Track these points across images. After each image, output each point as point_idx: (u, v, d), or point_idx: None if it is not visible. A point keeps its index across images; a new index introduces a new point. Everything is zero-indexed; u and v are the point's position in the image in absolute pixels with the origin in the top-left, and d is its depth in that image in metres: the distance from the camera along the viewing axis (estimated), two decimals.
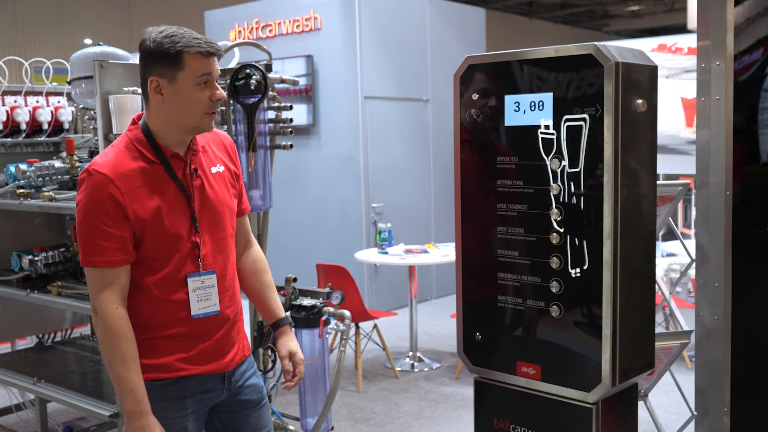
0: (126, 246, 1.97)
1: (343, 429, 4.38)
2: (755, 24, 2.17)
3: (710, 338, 2.28)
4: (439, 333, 6.50)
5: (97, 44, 3.37)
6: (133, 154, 2.02)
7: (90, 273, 1.99)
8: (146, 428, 1.96)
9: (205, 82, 1.98)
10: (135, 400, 1.96)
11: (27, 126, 3.95)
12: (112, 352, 1.97)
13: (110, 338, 1.96)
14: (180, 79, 1.96)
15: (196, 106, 1.99)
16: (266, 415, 2.29)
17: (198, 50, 1.95)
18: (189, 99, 1.98)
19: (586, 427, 2.03)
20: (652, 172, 2.08)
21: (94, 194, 1.95)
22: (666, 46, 7.66)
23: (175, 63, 1.95)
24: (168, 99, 1.98)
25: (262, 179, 3.33)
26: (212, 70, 1.99)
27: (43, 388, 3.58)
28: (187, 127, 2.03)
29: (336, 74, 7.09)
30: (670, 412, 4.28)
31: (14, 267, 3.85)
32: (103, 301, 1.97)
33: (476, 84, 2.16)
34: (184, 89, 1.97)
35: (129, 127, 2.09)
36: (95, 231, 1.95)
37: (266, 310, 2.35)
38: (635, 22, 19.39)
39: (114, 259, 1.96)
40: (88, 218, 1.96)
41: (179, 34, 1.96)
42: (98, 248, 1.95)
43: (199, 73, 1.97)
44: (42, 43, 14.03)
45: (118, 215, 1.95)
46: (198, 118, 2.01)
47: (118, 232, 1.95)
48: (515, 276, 2.13)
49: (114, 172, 1.96)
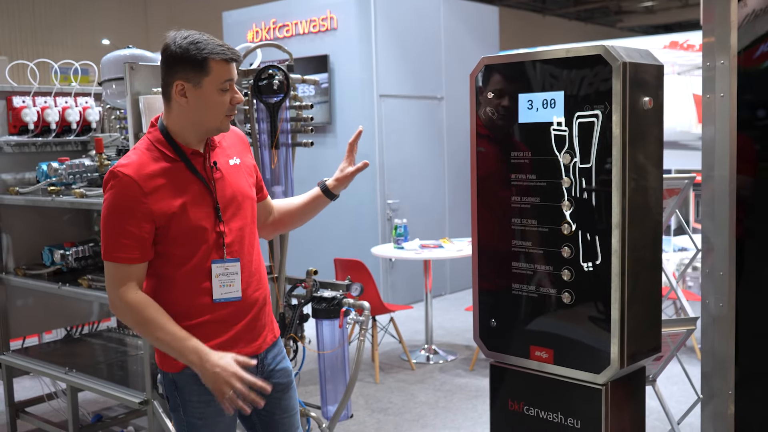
0: (144, 245, 2.09)
1: (361, 418, 4.50)
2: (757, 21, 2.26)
3: (715, 325, 2.37)
4: (454, 327, 6.61)
5: (127, 47, 3.51)
6: (155, 155, 2.13)
7: (109, 267, 2.11)
8: (213, 364, 2.04)
9: (228, 87, 2.11)
10: (188, 349, 2.06)
11: (57, 126, 4.10)
12: (148, 325, 2.08)
13: (140, 317, 2.08)
14: (205, 83, 2.08)
15: (219, 108, 2.12)
16: (294, 398, 2.41)
17: (223, 57, 2.08)
18: (213, 103, 2.10)
19: (595, 407, 2.14)
20: (659, 166, 2.19)
21: (118, 194, 2.07)
22: (678, 43, 7.72)
23: (202, 68, 2.07)
24: (192, 102, 2.10)
25: (284, 175, 3.46)
26: (234, 76, 2.12)
27: (75, 377, 3.73)
28: (209, 128, 2.16)
29: (352, 73, 7.21)
30: (680, 402, 4.37)
31: (46, 261, 4.00)
32: (122, 292, 2.09)
33: (491, 83, 2.28)
34: (208, 93, 2.09)
35: (148, 129, 2.21)
36: (118, 229, 2.07)
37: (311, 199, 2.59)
38: (649, 18, 19.37)
39: (132, 257, 2.09)
40: (112, 216, 2.08)
41: (204, 41, 2.08)
42: (119, 245, 2.08)
43: (223, 78, 2.09)
44: (59, 43, 14.22)
45: (140, 215, 2.07)
46: (220, 120, 2.14)
47: (138, 232, 2.07)
48: (529, 265, 2.25)
49: (137, 173, 2.08)
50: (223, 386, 2.03)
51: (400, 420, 4.47)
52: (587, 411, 2.16)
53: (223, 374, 2.03)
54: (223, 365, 2.04)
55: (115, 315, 2.17)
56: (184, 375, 2.18)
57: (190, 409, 2.21)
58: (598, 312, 2.11)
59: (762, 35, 2.24)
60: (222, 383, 2.03)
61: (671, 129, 7.15)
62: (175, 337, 2.07)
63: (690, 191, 2.74)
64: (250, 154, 2.38)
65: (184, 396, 2.20)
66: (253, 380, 2.07)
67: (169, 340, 2.07)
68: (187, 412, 2.21)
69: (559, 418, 2.23)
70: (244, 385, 2.04)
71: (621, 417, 2.20)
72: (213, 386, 2.05)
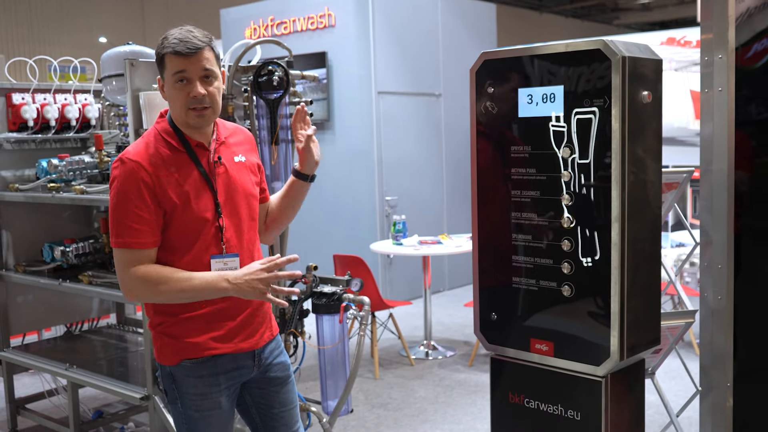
0: (155, 229, 2.12)
1: (361, 413, 4.52)
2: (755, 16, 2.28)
3: (714, 318, 2.39)
4: (453, 322, 6.63)
5: (127, 43, 3.52)
6: (161, 144, 2.17)
7: (119, 253, 2.12)
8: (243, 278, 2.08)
9: (182, 80, 2.12)
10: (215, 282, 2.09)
11: (56, 123, 4.11)
12: (167, 284, 2.09)
13: (155, 280, 2.09)
14: (166, 77, 2.15)
15: (178, 102, 2.14)
16: (293, 391, 2.43)
17: (170, 51, 2.11)
18: (172, 96, 2.16)
19: (595, 399, 2.16)
20: (658, 160, 2.21)
21: (127, 180, 2.10)
22: (675, 40, 7.74)
23: (161, 64, 2.15)
24: (166, 96, 2.18)
25: (284, 171, 3.47)
26: (187, 68, 2.11)
27: (75, 373, 3.75)
28: (179, 122, 2.19)
29: (350, 70, 7.22)
30: (678, 396, 4.40)
31: (46, 258, 4.01)
32: (132, 271, 2.10)
33: (491, 78, 2.29)
34: (169, 87, 2.15)
35: (157, 120, 2.25)
36: (128, 213, 2.09)
37: (287, 185, 2.48)
38: (645, 15, 19.38)
39: (144, 241, 2.10)
40: (121, 202, 2.10)
41: (169, 36, 2.13)
42: (130, 230, 2.09)
43: (174, 71, 2.12)
44: (56, 41, 14.21)
45: (149, 199, 2.10)
46: (183, 113, 2.15)
47: (148, 216, 2.10)
48: (529, 258, 2.26)
49: (145, 159, 2.12)
50: (258, 286, 2.07)
51: (399, 415, 4.49)
52: (587, 403, 2.18)
53: (251, 279, 2.07)
54: (245, 271, 2.09)
55: (131, 298, 2.17)
56: (181, 368, 2.20)
57: (187, 402, 2.23)
58: (597, 305, 2.13)
59: (756, 34, 2.25)
60: (256, 286, 2.07)
61: (668, 125, 7.17)
62: (195, 280, 2.09)
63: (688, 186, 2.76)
64: (256, 154, 2.40)
65: (181, 389, 2.22)
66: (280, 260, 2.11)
67: (192, 285, 2.09)
68: (184, 405, 2.23)
69: (560, 411, 2.24)
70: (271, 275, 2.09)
71: (621, 409, 2.22)
72: (252, 293, 2.08)
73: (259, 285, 2.07)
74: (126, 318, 4.77)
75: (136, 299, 2.18)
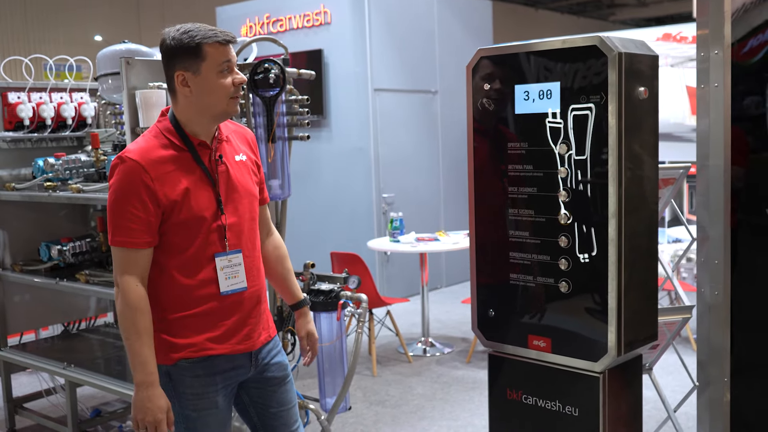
0: (152, 229, 2.11)
1: (359, 410, 4.53)
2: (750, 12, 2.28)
3: (711, 313, 2.40)
4: (450, 319, 6.64)
5: (123, 42, 3.51)
6: (163, 143, 2.15)
7: (116, 252, 2.12)
8: (153, 398, 2.09)
9: (227, 69, 2.12)
10: (145, 372, 2.09)
11: (52, 121, 4.10)
12: (129, 325, 2.09)
13: (129, 312, 2.09)
14: (203, 69, 2.10)
15: (222, 91, 2.13)
16: (291, 391, 2.42)
17: (215, 40, 2.09)
18: (214, 86, 2.12)
19: (593, 395, 2.17)
20: (654, 156, 2.21)
21: (126, 179, 2.09)
22: (671, 35, 7.75)
23: (197, 55, 2.09)
24: (195, 90, 2.12)
25: (281, 169, 3.47)
26: (231, 57, 2.13)
27: (73, 372, 3.74)
28: (216, 113, 2.17)
29: (346, 67, 7.22)
30: (675, 391, 4.41)
31: (43, 257, 4.01)
32: (126, 278, 2.10)
33: (488, 75, 2.29)
34: (209, 78, 2.11)
35: (158, 119, 2.23)
36: (125, 213, 2.08)
37: (287, 293, 2.52)
38: (641, 11, 19.40)
39: (139, 241, 2.10)
40: (119, 201, 2.09)
41: (195, 29, 2.10)
42: (126, 229, 2.09)
43: (220, 60, 2.11)
44: (52, 39, 14.17)
45: (147, 199, 2.08)
46: (225, 103, 2.15)
47: (145, 216, 2.09)
48: (526, 255, 2.27)
49: (145, 158, 2.10)
50: (146, 416, 2.08)
51: (397, 412, 4.49)
52: (585, 399, 2.19)
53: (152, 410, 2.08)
54: (157, 405, 2.09)
55: (114, 298, 2.18)
56: (178, 367, 2.19)
57: (184, 401, 2.22)
58: (595, 301, 2.13)
59: (751, 30, 2.26)
60: (146, 414, 2.08)
61: (665, 121, 7.18)
62: (141, 354, 2.09)
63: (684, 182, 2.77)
64: (257, 153, 2.39)
65: (178, 388, 2.22)
66: None
67: (137, 351, 2.09)
68: (181, 404, 2.23)
69: (557, 407, 2.25)
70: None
71: (618, 404, 2.23)
72: (136, 413, 2.10)
73: (146, 417, 2.08)
74: None
75: (115, 300, 2.17)
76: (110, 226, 2.12)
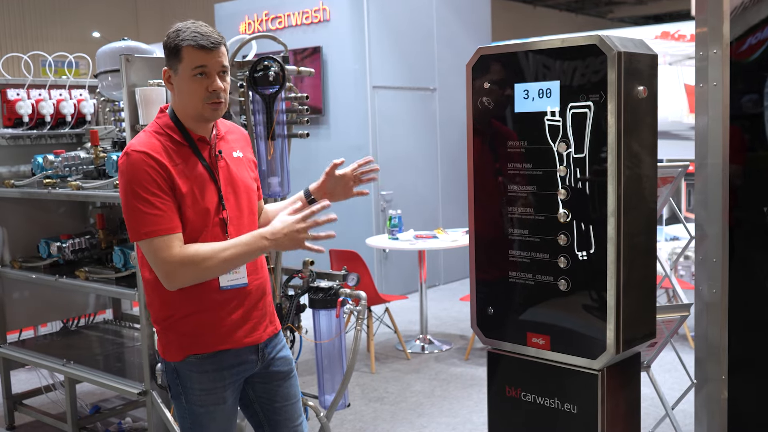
0: (173, 215, 2.08)
1: (358, 407, 4.54)
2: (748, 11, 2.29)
3: (709, 311, 2.41)
4: (448, 317, 6.65)
5: (122, 39, 3.51)
6: (164, 138, 2.16)
7: (147, 245, 2.07)
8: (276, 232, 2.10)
9: (201, 74, 2.12)
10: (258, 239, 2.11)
11: (51, 118, 4.10)
12: (214, 261, 2.07)
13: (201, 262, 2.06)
14: (180, 70, 2.12)
15: (195, 95, 2.13)
16: (295, 386, 2.44)
17: (192, 44, 2.10)
18: (187, 89, 2.13)
19: (592, 392, 2.17)
20: (653, 155, 2.22)
21: (136, 170, 2.08)
22: (669, 34, 7.75)
23: (176, 56, 2.12)
24: (175, 89, 2.16)
25: (280, 166, 3.47)
26: (208, 62, 2.11)
27: (73, 368, 3.75)
28: (192, 114, 2.18)
29: (345, 65, 7.22)
30: (673, 389, 4.42)
31: (42, 254, 4.01)
32: (170, 261, 2.05)
33: (487, 73, 2.30)
34: (184, 80, 2.13)
35: (158, 115, 2.25)
36: (144, 203, 2.06)
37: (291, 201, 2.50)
38: (639, 9, 19.42)
39: (168, 226, 2.07)
40: (134, 194, 2.07)
41: (184, 29, 2.12)
42: (151, 217, 2.05)
43: (194, 65, 2.11)
44: (49, 36, 14.16)
45: (163, 184, 2.08)
46: (200, 106, 2.14)
47: (162, 204, 2.07)
48: (525, 253, 2.28)
49: (151, 149, 2.11)
50: (297, 237, 2.10)
51: (396, 409, 4.50)
52: (583, 396, 2.20)
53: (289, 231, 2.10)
54: (281, 225, 2.11)
55: (175, 286, 2.09)
56: (186, 363, 2.20)
57: (191, 397, 2.23)
58: (593, 299, 2.14)
59: (750, 28, 2.27)
60: (295, 237, 2.10)
61: (663, 119, 7.18)
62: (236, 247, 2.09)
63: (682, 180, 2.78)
64: (251, 151, 2.41)
65: (185, 384, 2.23)
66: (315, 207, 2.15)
67: (234, 253, 2.09)
68: (188, 400, 2.24)
69: (556, 404, 2.26)
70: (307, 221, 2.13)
71: (616, 402, 2.24)
72: (291, 245, 2.11)
73: (297, 236, 2.10)
74: (123, 314, 4.77)
75: (181, 284, 2.10)
76: (132, 223, 2.08)
